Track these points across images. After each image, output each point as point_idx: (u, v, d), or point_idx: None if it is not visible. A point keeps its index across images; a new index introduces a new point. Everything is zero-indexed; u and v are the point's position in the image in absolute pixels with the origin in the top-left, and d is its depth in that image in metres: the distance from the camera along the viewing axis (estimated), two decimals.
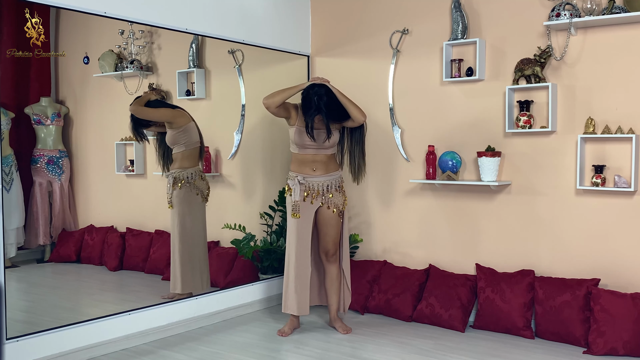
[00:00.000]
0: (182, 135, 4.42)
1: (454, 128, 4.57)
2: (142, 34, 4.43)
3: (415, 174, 4.77)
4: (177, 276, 4.43)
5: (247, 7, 4.72)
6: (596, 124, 4.01)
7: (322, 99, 4.02)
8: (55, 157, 4.28)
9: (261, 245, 4.94)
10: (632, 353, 3.72)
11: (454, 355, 3.84)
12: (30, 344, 3.55)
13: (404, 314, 4.51)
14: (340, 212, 4.27)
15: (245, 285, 4.84)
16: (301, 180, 4.16)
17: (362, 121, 4.14)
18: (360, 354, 3.90)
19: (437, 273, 4.56)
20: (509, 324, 4.15)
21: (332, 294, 4.35)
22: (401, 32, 4.79)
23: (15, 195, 4.05)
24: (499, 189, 4.40)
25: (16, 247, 4.03)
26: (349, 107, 4.07)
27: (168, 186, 4.43)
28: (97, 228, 4.51)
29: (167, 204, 4.44)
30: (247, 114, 5.05)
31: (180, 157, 4.44)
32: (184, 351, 3.96)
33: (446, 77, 4.51)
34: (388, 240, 4.93)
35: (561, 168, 4.15)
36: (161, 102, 4.48)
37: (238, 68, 4.98)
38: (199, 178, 4.50)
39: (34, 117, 4.21)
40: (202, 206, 4.55)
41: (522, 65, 4.18)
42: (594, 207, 4.05)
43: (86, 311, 4.21)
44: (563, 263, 4.17)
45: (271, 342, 4.15)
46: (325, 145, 4.16)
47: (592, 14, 3.93)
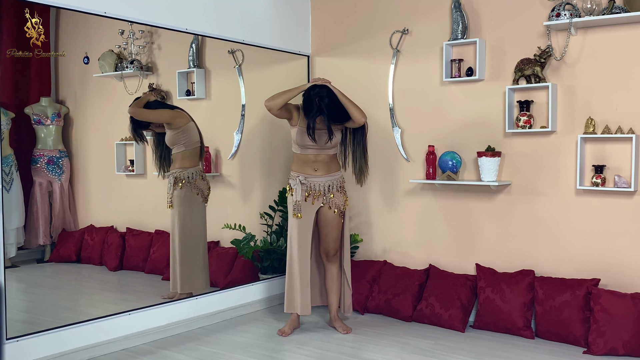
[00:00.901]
0: (181, 136, 4.42)
1: (454, 128, 4.57)
2: (142, 34, 4.43)
3: (415, 174, 4.77)
4: (177, 276, 4.43)
5: (247, 7, 4.72)
6: (596, 124, 4.01)
7: (323, 100, 4.02)
8: (55, 157, 4.28)
9: (261, 245, 4.94)
10: (632, 353, 3.72)
11: (454, 355, 3.85)
12: (30, 344, 3.55)
13: (404, 314, 4.51)
14: (341, 212, 4.27)
15: (246, 285, 4.84)
16: (302, 180, 4.16)
17: (363, 122, 4.14)
18: (360, 354, 3.90)
19: (437, 273, 4.56)
20: (509, 324, 4.15)
21: (333, 293, 4.35)
22: (401, 32, 4.79)
23: (15, 195, 4.05)
24: (499, 189, 4.40)
25: (16, 247, 4.03)
26: (349, 107, 4.07)
27: (169, 186, 4.43)
28: (97, 228, 4.51)
29: (167, 204, 4.44)
30: (247, 114, 5.05)
31: (181, 157, 4.44)
32: (184, 351, 3.96)
33: (446, 77, 4.51)
34: (388, 240, 4.93)
35: (561, 168, 4.15)
36: (160, 102, 4.48)
37: (238, 68, 4.98)
38: (200, 178, 4.50)
39: (34, 117, 4.21)
40: (203, 206, 4.55)
41: (522, 65, 4.18)
42: (594, 207, 4.05)
43: (86, 311, 4.21)
44: (563, 263, 4.17)
45: (271, 342, 4.15)
46: (327, 146, 4.16)
47: (592, 14, 3.93)
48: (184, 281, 4.44)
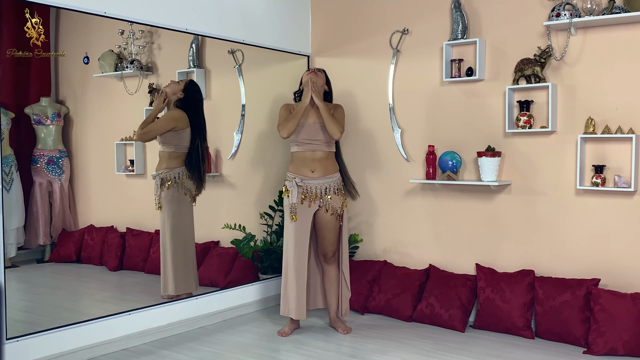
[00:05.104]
0: (175, 137, 4.38)
1: (454, 128, 4.57)
2: (142, 34, 4.43)
3: (415, 174, 4.77)
4: (169, 277, 4.39)
5: (247, 7, 4.72)
6: (596, 124, 4.01)
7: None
8: (55, 157, 4.28)
9: (261, 245, 4.94)
10: (632, 353, 3.72)
11: (454, 355, 3.85)
12: (30, 344, 3.56)
13: (404, 314, 4.51)
14: (339, 215, 4.26)
15: (245, 285, 4.84)
16: (299, 182, 4.16)
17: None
18: (360, 354, 3.90)
19: (437, 273, 4.56)
20: (509, 324, 4.15)
21: (332, 294, 4.35)
22: (401, 32, 4.79)
23: (15, 195, 4.05)
24: (499, 189, 4.40)
25: (16, 247, 4.03)
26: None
27: (156, 187, 4.37)
28: (97, 228, 4.51)
29: (156, 205, 4.38)
30: (247, 114, 5.05)
31: (168, 157, 4.39)
32: (184, 351, 3.96)
33: (446, 77, 4.51)
34: (388, 240, 4.93)
35: (561, 168, 4.16)
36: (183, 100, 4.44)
37: (238, 68, 4.98)
38: (186, 177, 4.44)
39: (34, 117, 4.21)
40: (191, 206, 4.51)
41: (522, 65, 4.18)
42: (594, 207, 4.05)
43: (86, 311, 4.21)
44: (563, 263, 4.17)
45: (271, 342, 4.15)
46: (323, 139, 4.16)
47: (592, 14, 3.93)
48: (178, 282, 4.42)
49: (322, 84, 4.27)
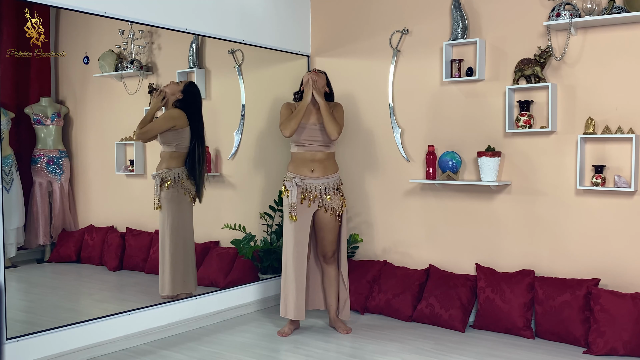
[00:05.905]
0: (175, 136, 4.38)
1: (454, 128, 4.57)
2: (142, 34, 4.43)
3: (415, 174, 4.77)
4: (166, 278, 4.39)
5: (247, 7, 4.72)
6: (596, 124, 4.01)
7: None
8: (55, 157, 4.28)
9: (261, 245, 4.94)
10: (632, 353, 3.72)
11: (454, 355, 3.85)
12: (30, 344, 3.56)
13: (404, 314, 4.51)
14: (338, 215, 4.26)
15: (245, 285, 4.84)
16: (298, 182, 4.16)
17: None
18: (360, 354, 3.90)
19: (437, 273, 4.56)
20: (509, 324, 4.15)
21: (332, 294, 4.35)
22: (401, 32, 4.79)
23: (15, 195, 4.05)
24: (499, 189, 4.40)
25: (16, 247, 4.03)
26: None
27: (155, 187, 4.37)
28: (97, 228, 4.51)
29: (155, 206, 4.36)
30: (247, 114, 5.05)
31: (168, 157, 4.39)
32: (184, 351, 3.96)
33: (446, 77, 4.51)
34: (388, 240, 4.93)
35: (561, 168, 4.16)
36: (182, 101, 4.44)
37: (238, 68, 4.98)
38: (186, 177, 4.44)
39: (34, 117, 4.21)
40: (190, 206, 4.51)
41: (522, 65, 4.18)
42: (594, 207, 4.05)
43: (86, 311, 4.21)
44: (563, 263, 4.17)
45: (271, 342, 4.15)
46: (322, 140, 4.16)
47: (592, 14, 3.93)
48: (176, 283, 4.41)
49: (323, 84, 4.27)
